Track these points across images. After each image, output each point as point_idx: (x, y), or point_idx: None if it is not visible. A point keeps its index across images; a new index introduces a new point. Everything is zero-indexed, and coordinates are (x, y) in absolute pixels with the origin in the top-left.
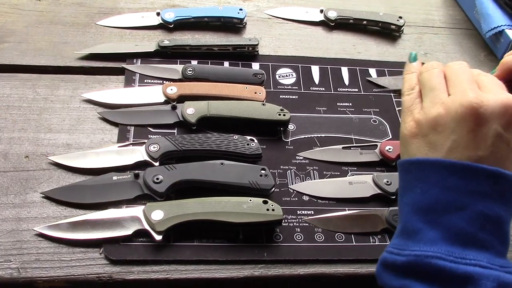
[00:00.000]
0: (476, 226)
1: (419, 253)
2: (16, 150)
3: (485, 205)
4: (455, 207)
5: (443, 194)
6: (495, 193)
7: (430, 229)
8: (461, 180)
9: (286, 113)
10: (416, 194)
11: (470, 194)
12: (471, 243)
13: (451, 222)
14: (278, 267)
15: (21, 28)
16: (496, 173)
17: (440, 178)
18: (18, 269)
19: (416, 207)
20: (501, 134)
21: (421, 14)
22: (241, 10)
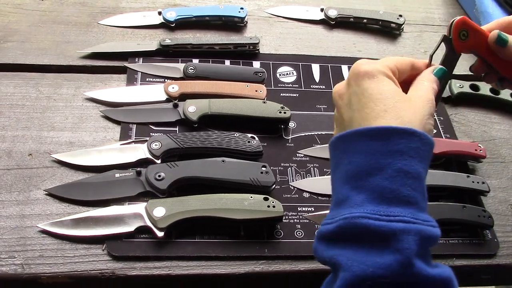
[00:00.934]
0: (398, 183)
1: (347, 215)
2: (19, 148)
3: (403, 162)
4: (377, 169)
5: (365, 159)
6: (411, 151)
7: (357, 194)
8: (378, 143)
9: (287, 110)
10: (344, 165)
11: (389, 154)
12: (395, 200)
13: (374, 183)
14: (279, 263)
15: (24, 28)
16: (408, 131)
17: (361, 145)
18: (22, 265)
19: (344, 177)
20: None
21: (421, 12)
22: (242, 9)
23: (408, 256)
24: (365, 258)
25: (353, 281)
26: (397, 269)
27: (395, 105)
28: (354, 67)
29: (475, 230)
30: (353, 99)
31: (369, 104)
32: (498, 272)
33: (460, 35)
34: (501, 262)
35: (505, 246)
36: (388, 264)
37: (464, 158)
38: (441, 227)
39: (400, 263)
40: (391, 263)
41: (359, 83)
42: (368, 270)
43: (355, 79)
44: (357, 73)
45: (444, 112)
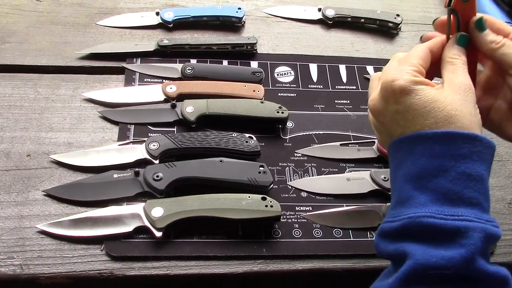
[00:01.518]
0: (461, 185)
1: (412, 215)
2: (18, 149)
3: (466, 165)
4: (441, 171)
5: (429, 161)
6: (473, 154)
7: (420, 194)
8: (443, 147)
9: (285, 110)
10: (406, 166)
11: (452, 158)
12: (458, 201)
13: (438, 184)
14: (277, 262)
15: (22, 29)
16: (471, 136)
17: (425, 148)
18: (21, 266)
19: (407, 177)
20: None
21: (418, 11)
22: (240, 9)
23: (472, 252)
24: (430, 250)
25: (416, 268)
26: (460, 262)
27: (443, 114)
28: (387, 85)
29: None
30: (398, 117)
31: (419, 120)
32: None
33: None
34: (498, 261)
35: (503, 245)
36: (451, 257)
37: None
38: None
39: (464, 257)
40: (455, 256)
41: (399, 101)
42: (431, 259)
43: (393, 97)
44: (393, 91)
45: None
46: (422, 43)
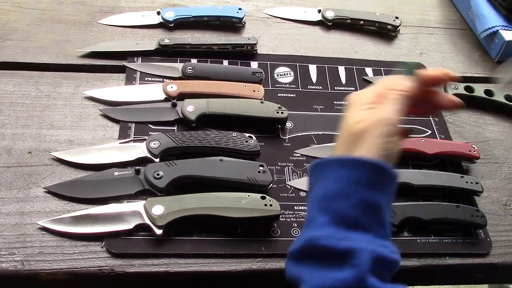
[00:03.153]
0: (358, 211)
1: (309, 236)
2: (19, 146)
3: (367, 193)
4: (343, 195)
5: (335, 184)
6: (376, 183)
7: (321, 215)
8: (349, 172)
9: (284, 111)
10: (316, 189)
11: (356, 183)
12: (354, 226)
13: (338, 207)
14: (276, 260)
15: (24, 26)
16: (377, 166)
17: (333, 172)
18: (22, 262)
19: (314, 199)
20: None
21: (417, 14)
22: (240, 10)
23: (361, 271)
24: (325, 273)
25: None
26: (352, 283)
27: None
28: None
29: (469, 230)
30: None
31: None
32: (491, 271)
33: None
34: (494, 261)
35: (498, 246)
36: (344, 278)
37: (458, 158)
38: (435, 226)
39: (355, 278)
40: (346, 277)
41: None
42: (326, 283)
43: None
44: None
45: (439, 113)
46: None
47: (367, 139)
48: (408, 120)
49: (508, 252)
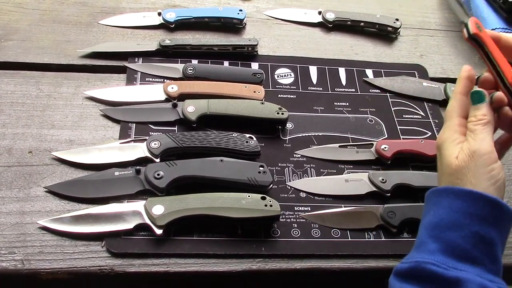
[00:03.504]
0: (471, 244)
1: (419, 260)
2: (20, 146)
3: (481, 227)
4: (456, 226)
5: (448, 214)
6: (491, 218)
7: (432, 242)
8: (464, 204)
9: (285, 111)
10: (430, 215)
11: (470, 216)
12: (464, 257)
13: (450, 238)
14: (276, 261)
15: (25, 27)
16: (494, 202)
17: (448, 201)
18: (22, 261)
19: (426, 225)
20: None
21: (417, 16)
22: (241, 11)
23: None
24: None
25: None
26: None
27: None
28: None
29: None
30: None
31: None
32: None
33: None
34: None
35: None
36: None
37: None
38: None
39: None
40: None
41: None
42: None
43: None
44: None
45: (439, 116)
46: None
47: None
48: (407, 121)
49: (508, 254)
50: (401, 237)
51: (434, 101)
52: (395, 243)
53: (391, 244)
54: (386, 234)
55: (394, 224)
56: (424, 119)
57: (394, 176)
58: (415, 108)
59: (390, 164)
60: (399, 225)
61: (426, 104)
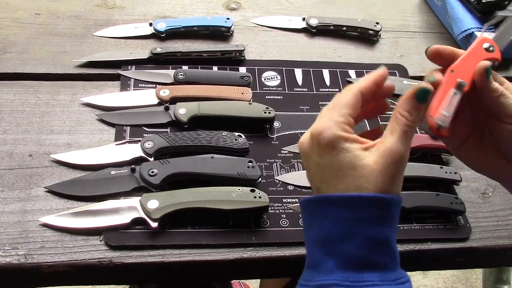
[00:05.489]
0: (367, 251)
1: (320, 283)
2: (20, 150)
3: (372, 229)
4: (347, 236)
5: (335, 225)
6: (378, 217)
7: (328, 260)
8: (347, 211)
9: (271, 111)
10: (314, 229)
11: (357, 222)
12: (364, 266)
13: (344, 250)
14: (266, 249)
15: (22, 40)
16: (376, 199)
17: (330, 211)
18: (25, 256)
19: (316, 241)
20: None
21: (397, 20)
22: (228, 19)
23: None
24: None
25: None
26: None
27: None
28: (314, 136)
29: (449, 216)
30: (318, 170)
31: (332, 181)
32: (471, 255)
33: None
34: (474, 245)
35: (477, 231)
36: None
37: (438, 151)
38: (417, 214)
39: None
40: None
41: (321, 155)
42: None
43: (317, 150)
44: (318, 144)
45: None
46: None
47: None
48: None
49: (487, 236)
50: None
51: None
52: None
53: None
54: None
55: None
56: None
57: None
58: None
59: None
60: None
61: None
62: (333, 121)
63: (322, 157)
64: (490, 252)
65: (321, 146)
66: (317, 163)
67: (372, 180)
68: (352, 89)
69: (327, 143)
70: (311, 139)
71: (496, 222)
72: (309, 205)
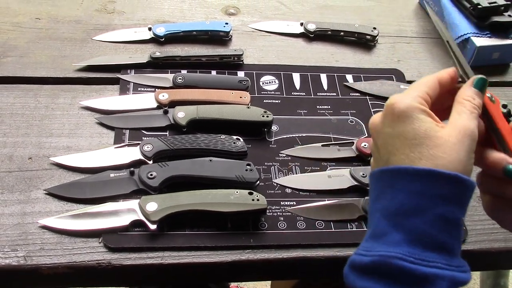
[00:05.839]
0: (436, 229)
1: (383, 253)
2: (20, 153)
3: (445, 208)
4: (418, 211)
5: (407, 198)
6: (454, 197)
7: (395, 232)
8: (423, 185)
9: (269, 114)
10: (386, 199)
11: (431, 198)
12: (431, 244)
13: (414, 225)
14: (264, 251)
15: (23, 44)
16: (455, 178)
17: (405, 183)
18: (25, 258)
19: (385, 212)
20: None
21: (394, 25)
22: (227, 24)
23: None
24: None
25: None
26: None
27: (430, 153)
28: (388, 106)
29: None
30: (389, 141)
31: (405, 150)
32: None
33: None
34: (470, 248)
35: (474, 234)
36: None
37: None
38: None
39: None
40: None
41: (393, 124)
42: None
43: (390, 119)
44: (392, 113)
45: None
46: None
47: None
48: None
49: (483, 239)
50: None
51: None
52: None
53: None
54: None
55: None
56: None
57: None
58: None
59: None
60: None
61: None
62: (408, 94)
63: (394, 127)
64: (486, 255)
65: (395, 115)
66: (388, 134)
67: (447, 150)
68: (429, 76)
69: (402, 112)
70: (385, 111)
71: (492, 225)
72: (383, 174)
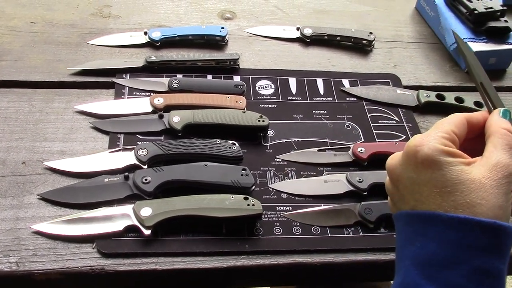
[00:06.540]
0: (474, 283)
1: None
2: (13, 157)
3: (483, 259)
4: (453, 262)
5: (440, 248)
6: (493, 247)
7: (428, 285)
8: (458, 234)
9: (265, 119)
10: (416, 247)
11: (467, 249)
12: None
13: (448, 278)
14: (259, 257)
15: (17, 48)
16: (493, 226)
17: (438, 232)
18: (17, 263)
19: (416, 261)
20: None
21: (391, 30)
22: (223, 28)
23: None
24: None
25: None
26: None
27: (466, 201)
28: (410, 149)
29: None
30: (414, 188)
31: (436, 199)
32: None
33: None
34: None
35: None
36: None
37: None
38: None
39: None
40: None
41: (418, 171)
42: None
43: (414, 164)
44: (414, 158)
45: (412, 119)
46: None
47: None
48: (382, 126)
49: None
50: (378, 232)
51: (408, 107)
52: (372, 238)
53: (369, 238)
54: (364, 230)
55: (371, 220)
56: (399, 124)
57: (370, 176)
58: (389, 114)
59: (366, 165)
60: (376, 220)
61: (400, 110)
62: (432, 136)
63: (419, 173)
64: None
65: (418, 161)
66: (412, 179)
67: (485, 196)
68: (457, 114)
69: (426, 156)
70: (405, 154)
71: None
72: (413, 220)
